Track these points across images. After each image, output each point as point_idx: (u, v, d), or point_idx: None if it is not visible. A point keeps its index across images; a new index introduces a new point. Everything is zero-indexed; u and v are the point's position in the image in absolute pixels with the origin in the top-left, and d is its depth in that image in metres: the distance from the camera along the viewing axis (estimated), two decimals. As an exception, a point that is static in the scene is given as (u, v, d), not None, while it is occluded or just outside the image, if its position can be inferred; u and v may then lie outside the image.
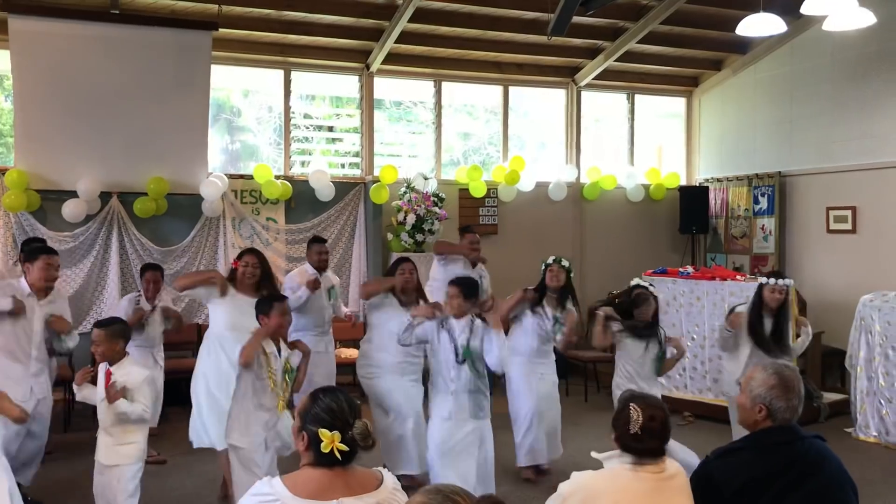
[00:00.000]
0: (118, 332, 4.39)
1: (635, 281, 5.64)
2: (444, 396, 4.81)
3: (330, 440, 2.34)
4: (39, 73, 7.55)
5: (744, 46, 9.97)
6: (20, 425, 4.82)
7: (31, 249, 5.50)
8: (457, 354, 4.76)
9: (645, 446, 2.71)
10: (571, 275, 6.10)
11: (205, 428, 5.30)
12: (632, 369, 5.38)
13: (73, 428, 6.95)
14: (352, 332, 8.32)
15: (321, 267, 6.68)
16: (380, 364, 5.64)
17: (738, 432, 5.56)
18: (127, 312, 6.17)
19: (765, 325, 5.57)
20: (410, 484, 4.92)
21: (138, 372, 4.34)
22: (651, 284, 5.61)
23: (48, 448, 5.50)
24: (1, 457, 3.98)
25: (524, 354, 5.95)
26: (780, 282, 5.59)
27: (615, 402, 5.41)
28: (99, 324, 4.45)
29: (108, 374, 4.25)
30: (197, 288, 5.40)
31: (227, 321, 5.31)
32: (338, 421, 2.38)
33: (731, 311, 5.86)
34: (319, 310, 6.54)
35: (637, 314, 5.40)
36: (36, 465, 5.30)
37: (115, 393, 4.16)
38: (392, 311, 5.64)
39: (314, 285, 6.32)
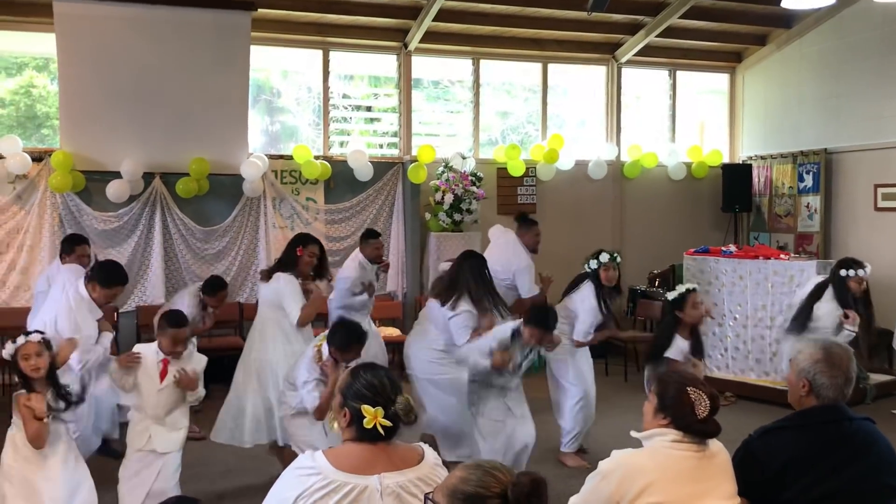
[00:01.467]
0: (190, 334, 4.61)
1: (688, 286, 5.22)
2: (498, 396, 4.90)
3: (373, 416, 2.36)
4: (83, 55, 7.66)
5: (789, 20, 9.74)
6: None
7: (107, 274, 5.19)
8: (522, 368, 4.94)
9: (710, 428, 2.69)
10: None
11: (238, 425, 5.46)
12: None
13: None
14: (389, 311, 8.39)
15: (376, 261, 6.79)
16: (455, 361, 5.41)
17: None
18: (191, 313, 6.03)
19: None
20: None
21: (199, 358, 4.47)
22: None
23: None
24: (68, 434, 4.11)
25: (579, 339, 5.89)
26: (863, 272, 5.52)
27: (649, 379, 5.39)
28: (183, 322, 4.43)
29: (166, 363, 4.30)
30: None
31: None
32: (380, 397, 2.40)
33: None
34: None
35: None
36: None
37: (189, 381, 4.28)
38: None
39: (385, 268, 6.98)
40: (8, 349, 3.82)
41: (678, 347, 4.90)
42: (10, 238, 7.81)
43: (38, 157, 7.86)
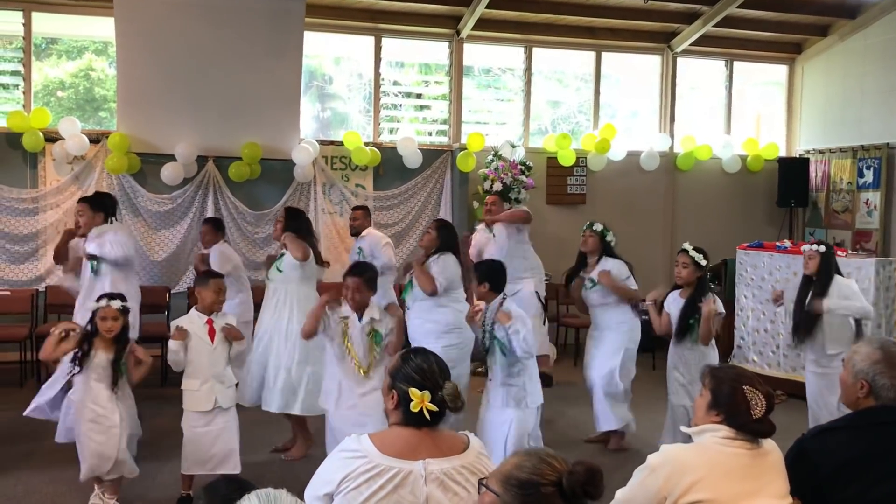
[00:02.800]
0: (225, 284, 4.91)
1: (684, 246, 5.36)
2: (490, 386, 4.73)
3: (420, 400, 2.37)
4: (141, 40, 7.78)
5: (853, 10, 9.46)
6: None
7: None
8: (483, 345, 4.71)
9: (765, 428, 2.63)
10: (607, 238, 5.95)
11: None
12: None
13: (169, 382, 7.23)
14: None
15: (353, 232, 7.22)
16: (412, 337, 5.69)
17: (814, 408, 5.42)
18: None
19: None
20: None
21: (231, 315, 4.85)
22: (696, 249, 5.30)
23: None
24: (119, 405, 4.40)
25: (592, 323, 6.03)
26: (810, 247, 5.33)
27: (677, 376, 5.32)
28: (217, 274, 4.93)
29: (210, 323, 4.62)
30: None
31: None
32: (428, 381, 2.41)
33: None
34: None
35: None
36: None
37: (235, 331, 4.64)
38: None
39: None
40: (93, 304, 4.46)
41: (668, 301, 5.37)
42: (67, 217, 7.98)
43: (96, 138, 8.03)
